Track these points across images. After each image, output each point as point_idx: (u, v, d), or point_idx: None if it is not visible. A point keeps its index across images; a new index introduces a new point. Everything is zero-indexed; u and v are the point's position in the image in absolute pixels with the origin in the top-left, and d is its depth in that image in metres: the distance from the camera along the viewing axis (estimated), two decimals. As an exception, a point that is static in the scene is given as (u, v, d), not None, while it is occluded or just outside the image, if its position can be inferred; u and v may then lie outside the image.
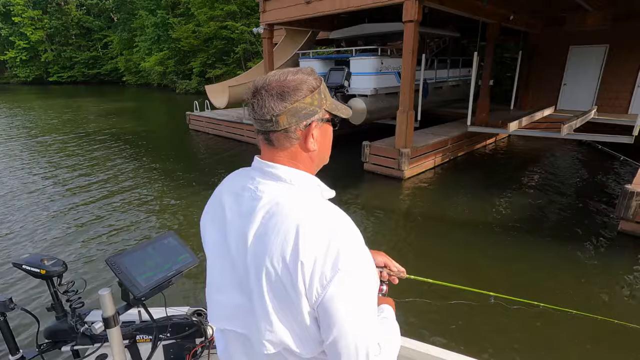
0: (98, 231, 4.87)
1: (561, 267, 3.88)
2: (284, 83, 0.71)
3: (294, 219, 0.68)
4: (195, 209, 5.56)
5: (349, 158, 7.85)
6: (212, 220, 0.83)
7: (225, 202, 0.79)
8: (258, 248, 0.70)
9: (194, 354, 1.46)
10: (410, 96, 6.65)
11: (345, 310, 0.66)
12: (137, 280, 1.16)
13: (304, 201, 0.71)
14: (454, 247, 4.42)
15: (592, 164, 7.88)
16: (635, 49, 9.89)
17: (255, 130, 0.77)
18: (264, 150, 0.78)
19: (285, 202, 0.71)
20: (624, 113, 10.22)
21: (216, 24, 24.12)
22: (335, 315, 0.66)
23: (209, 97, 11.01)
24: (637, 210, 4.28)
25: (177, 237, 1.36)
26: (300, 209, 0.69)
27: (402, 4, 6.09)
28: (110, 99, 24.90)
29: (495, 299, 1.37)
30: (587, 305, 3.28)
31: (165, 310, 1.44)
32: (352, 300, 0.67)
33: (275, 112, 0.71)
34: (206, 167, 8.27)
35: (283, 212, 0.69)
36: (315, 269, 0.65)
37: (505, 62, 14.66)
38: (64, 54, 41.69)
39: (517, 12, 8.78)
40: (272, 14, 8.60)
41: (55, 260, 1.27)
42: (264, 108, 0.71)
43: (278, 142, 0.74)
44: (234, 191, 0.79)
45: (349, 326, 0.67)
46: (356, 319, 0.68)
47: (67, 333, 1.34)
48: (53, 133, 12.30)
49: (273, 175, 0.74)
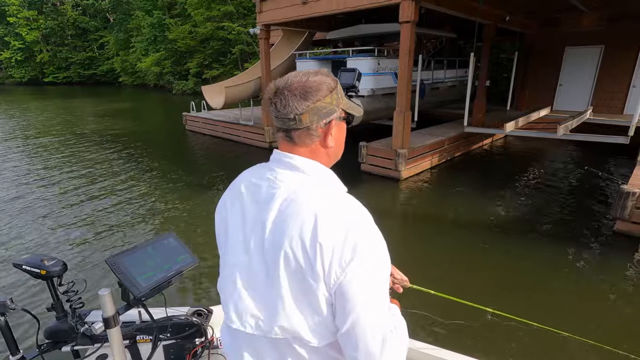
0: (92, 233, 4.83)
1: (558, 268, 3.88)
2: (306, 84, 0.75)
3: (312, 206, 0.71)
4: (193, 211, 5.53)
5: (346, 159, 7.62)
6: (229, 210, 0.84)
7: (243, 192, 0.82)
8: (276, 234, 0.72)
9: (194, 354, 1.46)
10: (407, 97, 6.65)
11: (363, 295, 0.68)
12: (137, 280, 1.15)
13: (322, 190, 0.75)
14: (451, 248, 4.41)
15: (589, 164, 7.90)
16: (630, 49, 9.96)
17: (275, 127, 0.80)
18: (283, 146, 0.81)
19: (303, 190, 0.74)
20: (619, 113, 10.28)
21: (213, 24, 24.05)
22: (353, 299, 0.68)
23: (206, 97, 10.97)
24: (633, 211, 4.29)
25: (177, 238, 1.36)
26: (318, 197, 0.73)
27: (398, 5, 6.09)
28: (106, 100, 24.78)
29: (492, 314, 1.35)
30: (582, 308, 3.29)
31: (165, 310, 1.44)
32: (370, 285, 0.69)
33: (298, 110, 0.75)
34: (203, 168, 8.24)
35: (301, 199, 0.72)
36: (334, 252, 0.67)
37: (501, 63, 14.71)
38: (59, 54, 41.47)
39: (513, 13, 8.81)
40: (269, 14, 8.59)
41: (55, 261, 1.27)
42: (287, 107, 0.75)
43: (299, 139, 0.78)
44: (252, 182, 0.81)
45: (367, 311, 0.69)
46: (374, 304, 0.70)
47: (68, 333, 1.34)
48: (48, 134, 12.22)
49: (291, 166, 0.78)
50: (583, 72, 10.96)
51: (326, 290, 0.69)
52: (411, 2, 5.92)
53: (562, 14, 9.92)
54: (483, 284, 3.66)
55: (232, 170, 8.65)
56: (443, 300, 1.43)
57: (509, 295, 3.48)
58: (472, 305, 1.50)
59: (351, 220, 0.70)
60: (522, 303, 3.33)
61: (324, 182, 0.78)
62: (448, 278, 3.75)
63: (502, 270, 3.92)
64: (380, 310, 0.71)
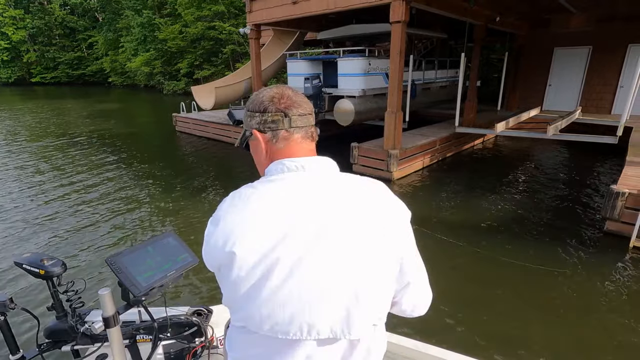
0: (86, 236, 4.71)
1: (547, 266, 3.87)
2: (295, 90, 0.85)
3: (374, 193, 0.80)
4: (185, 214, 5.43)
5: (338, 159, 7.50)
6: (284, 244, 0.72)
7: (300, 213, 0.73)
8: (367, 230, 0.74)
9: (194, 353, 1.46)
10: (399, 97, 6.63)
11: (415, 248, 0.84)
12: (137, 279, 1.15)
13: (360, 178, 0.84)
14: (442, 248, 4.38)
15: (578, 164, 7.98)
16: (617, 50, 10.09)
17: (293, 128, 0.82)
18: (303, 147, 0.84)
19: (357, 183, 0.82)
20: (607, 113, 10.41)
21: (204, 24, 23.82)
22: (413, 252, 0.83)
23: (196, 98, 10.83)
24: (622, 211, 4.31)
25: (177, 237, 1.35)
26: (369, 184, 0.82)
27: (389, 5, 6.06)
28: (95, 100, 24.41)
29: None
30: (569, 305, 3.28)
31: (165, 310, 1.43)
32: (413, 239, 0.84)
33: (310, 107, 0.86)
34: (194, 170, 8.11)
35: (365, 192, 0.79)
36: (402, 221, 0.80)
37: (492, 63, 14.82)
38: (47, 54, 40.74)
39: (503, 14, 8.85)
40: (259, 14, 8.50)
41: (54, 261, 1.27)
42: (306, 104, 0.83)
43: (316, 134, 0.87)
44: (302, 199, 0.75)
45: (419, 259, 0.85)
46: (418, 255, 0.86)
47: (68, 333, 1.35)
48: (36, 136, 11.96)
49: (323, 166, 0.83)
50: (572, 73, 11.08)
51: (400, 257, 0.78)
52: (402, 2, 5.90)
53: (551, 15, 10.01)
54: (472, 285, 3.63)
55: (224, 172, 8.61)
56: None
57: (497, 295, 3.45)
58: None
59: (392, 194, 0.83)
60: (509, 302, 3.31)
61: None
62: (438, 282, 3.70)
63: (490, 269, 3.90)
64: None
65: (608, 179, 6.73)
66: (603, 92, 10.61)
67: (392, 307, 0.85)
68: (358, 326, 0.73)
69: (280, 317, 0.72)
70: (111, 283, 3.53)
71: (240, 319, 0.76)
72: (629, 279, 3.69)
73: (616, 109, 10.30)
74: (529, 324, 3.05)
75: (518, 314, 3.20)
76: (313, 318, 0.72)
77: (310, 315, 0.72)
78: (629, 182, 4.54)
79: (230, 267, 0.72)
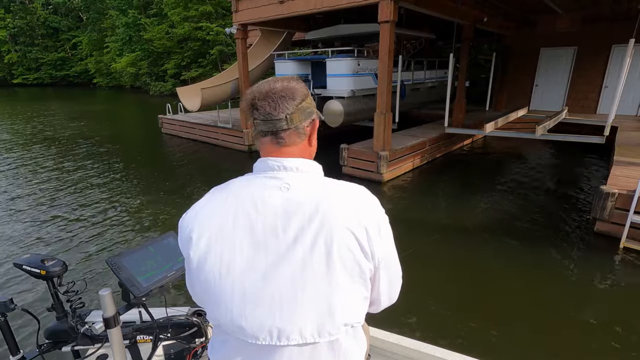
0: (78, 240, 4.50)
1: (537, 267, 3.83)
2: (289, 86, 0.79)
3: (342, 198, 0.76)
4: (171, 216, 5.25)
5: (327, 161, 7.64)
6: (233, 231, 0.76)
7: (253, 209, 0.76)
8: (321, 236, 0.72)
9: (194, 354, 1.46)
10: (388, 98, 6.56)
11: (394, 255, 0.85)
12: (138, 280, 1.16)
13: (334, 183, 0.81)
14: (433, 249, 4.31)
15: (566, 164, 8.03)
16: (601, 51, 10.23)
17: (260, 132, 0.80)
18: (270, 150, 0.81)
19: (322, 187, 0.78)
20: (593, 113, 10.54)
21: (191, 24, 23.48)
22: (392, 262, 0.84)
23: (181, 99, 10.59)
24: (612, 211, 4.30)
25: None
26: (338, 189, 0.78)
27: (377, 4, 5.99)
28: (79, 102, 23.86)
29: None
30: (558, 305, 3.23)
31: (165, 310, 1.45)
32: (393, 245, 0.85)
33: (289, 110, 0.78)
34: (181, 173, 7.91)
35: (327, 196, 0.76)
36: (376, 229, 0.76)
37: (480, 64, 14.91)
38: (29, 54, 39.72)
39: (491, 15, 8.88)
40: (245, 13, 8.35)
41: (55, 261, 1.28)
42: (278, 108, 0.77)
43: (290, 139, 0.80)
44: (255, 198, 0.77)
45: (398, 269, 0.89)
46: (398, 262, 0.88)
47: (68, 333, 1.36)
48: (18, 138, 11.57)
49: (294, 168, 0.79)
50: (557, 73, 11.20)
51: (372, 265, 0.76)
52: (390, 1, 5.82)
53: (538, 15, 10.10)
54: (462, 285, 3.56)
55: (211, 174, 8.44)
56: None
57: (488, 297, 3.39)
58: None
59: (373, 201, 0.80)
60: (497, 304, 3.25)
61: (325, 177, 0.83)
62: (429, 283, 3.63)
63: (481, 272, 3.84)
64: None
65: (596, 178, 6.78)
66: (588, 92, 10.75)
67: (370, 307, 0.85)
68: (329, 329, 0.73)
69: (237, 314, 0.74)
70: (112, 284, 3.42)
71: (211, 317, 0.79)
72: (619, 279, 3.67)
73: (601, 109, 10.45)
74: (517, 325, 2.99)
75: (506, 315, 3.14)
76: (284, 323, 0.72)
77: (282, 320, 0.73)
78: (618, 183, 4.54)
79: (188, 253, 0.77)
